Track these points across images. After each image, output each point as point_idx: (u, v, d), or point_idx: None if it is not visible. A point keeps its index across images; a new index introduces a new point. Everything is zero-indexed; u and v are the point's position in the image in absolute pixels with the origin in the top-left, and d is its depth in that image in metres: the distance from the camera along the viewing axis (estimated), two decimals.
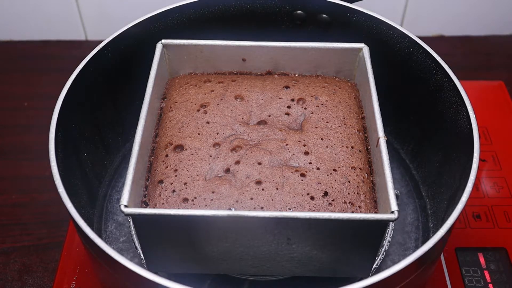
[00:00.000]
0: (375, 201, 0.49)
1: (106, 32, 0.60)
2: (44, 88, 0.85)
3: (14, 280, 0.63)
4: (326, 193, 0.48)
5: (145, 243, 0.48)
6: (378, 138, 0.49)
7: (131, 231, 0.57)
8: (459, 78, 0.54)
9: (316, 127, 0.53)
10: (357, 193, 0.48)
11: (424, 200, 0.62)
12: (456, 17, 0.94)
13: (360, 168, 0.50)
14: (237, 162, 0.50)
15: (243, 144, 0.51)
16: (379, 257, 0.55)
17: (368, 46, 0.56)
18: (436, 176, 0.59)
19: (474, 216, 0.65)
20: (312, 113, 0.54)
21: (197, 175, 0.49)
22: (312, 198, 0.48)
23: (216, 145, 0.51)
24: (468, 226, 0.64)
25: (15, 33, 0.94)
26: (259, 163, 0.50)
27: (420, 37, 0.58)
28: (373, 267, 0.53)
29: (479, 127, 0.50)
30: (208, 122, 0.53)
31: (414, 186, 0.64)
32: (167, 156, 0.51)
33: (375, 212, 0.48)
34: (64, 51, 0.93)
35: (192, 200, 0.47)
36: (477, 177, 0.60)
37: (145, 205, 0.48)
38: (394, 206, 0.44)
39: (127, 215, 0.44)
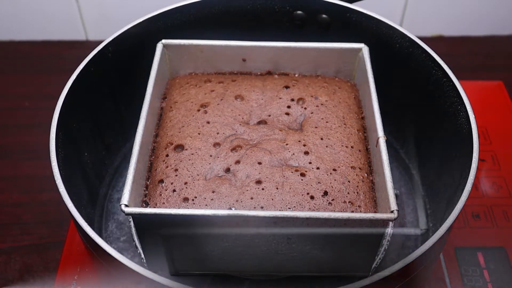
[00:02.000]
0: (375, 201, 0.49)
1: (107, 32, 0.60)
2: (45, 88, 0.85)
3: (15, 280, 0.63)
4: (326, 193, 0.48)
5: (145, 243, 0.48)
6: (378, 138, 0.49)
7: (132, 230, 0.57)
8: (458, 78, 0.54)
9: (316, 127, 0.53)
10: (357, 192, 0.49)
11: (423, 200, 0.62)
12: (456, 17, 0.94)
13: (359, 168, 0.50)
14: (237, 162, 0.50)
15: (243, 144, 0.51)
16: (379, 256, 0.55)
17: (368, 46, 0.56)
18: (436, 176, 0.59)
19: (473, 216, 0.65)
20: (312, 113, 0.54)
21: (198, 175, 0.49)
22: (312, 197, 0.48)
23: (216, 144, 0.51)
24: (468, 226, 0.64)
25: (15, 33, 0.94)
26: (259, 163, 0.50)
27: (419, 37, 0.58)
28: (373, 266, 0.53)
29: (478, 127, 0.50)
30: (208, 122, 0.53)
31: (414, 186, 0.64)
32: (167, 155, 0.51)
33: (375, 212, 0.48)
34: (65, 51, 0.93)
35: (193, 200, 0.48)
36: (477, 177, 0.60)
37: (146, 204, 0.48)
38: (393, 205, 0.44)
39: (128, 214, 0.44)
